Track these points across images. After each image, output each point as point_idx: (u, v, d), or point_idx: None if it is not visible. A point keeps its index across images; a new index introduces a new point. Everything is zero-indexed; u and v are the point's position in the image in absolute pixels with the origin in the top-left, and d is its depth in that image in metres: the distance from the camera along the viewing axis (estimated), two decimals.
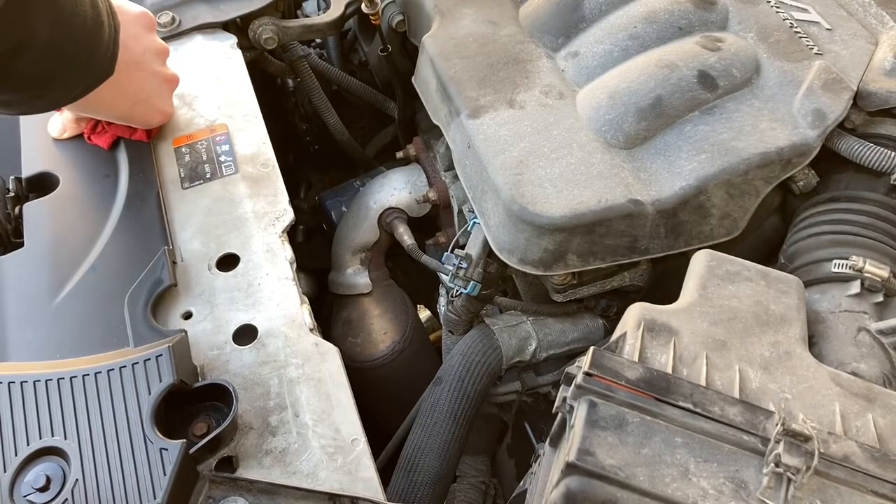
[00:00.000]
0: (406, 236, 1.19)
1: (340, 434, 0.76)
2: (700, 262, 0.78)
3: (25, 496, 0.68)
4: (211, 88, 1.09)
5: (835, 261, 0.85)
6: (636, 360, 0.64)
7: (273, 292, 0.87)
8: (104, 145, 1.01)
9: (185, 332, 0.81)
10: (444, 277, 1.06)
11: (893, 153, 0.88)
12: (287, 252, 0.91)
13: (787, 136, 0.91)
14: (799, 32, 1.02)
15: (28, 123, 1.07)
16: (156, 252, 0.88)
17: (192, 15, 1.17)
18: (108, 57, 0.84)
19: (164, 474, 0.67)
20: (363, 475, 0.73)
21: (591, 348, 0.63)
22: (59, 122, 1.03)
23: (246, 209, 0.95)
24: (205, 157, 1.01)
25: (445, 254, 1.05)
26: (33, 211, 0.96)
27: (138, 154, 1.01)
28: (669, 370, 0.64)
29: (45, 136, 1.04)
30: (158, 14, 1.15)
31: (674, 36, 1.01)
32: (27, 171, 1.01)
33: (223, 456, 0.73)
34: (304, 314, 0.85)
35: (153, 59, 0.97)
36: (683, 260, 0.84)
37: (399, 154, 1.27)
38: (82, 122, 1.02)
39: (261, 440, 0.75)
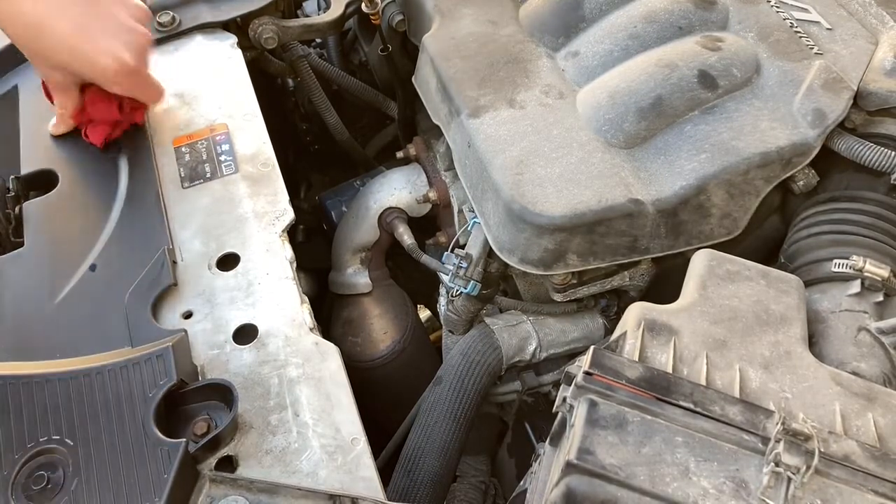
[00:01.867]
0: (406, 236, 1.19)
1: (340, 433, 0.76)
2: (700, 261, 0.78)
3: (26, 496, 0.68)
4: (211, 88, 1.09)
5: (835, 260, 0.85)
6: (636, 359, 0.64)
7: (273, 292, 0.87)
8: (98, 141, 1.00)
9: (186, 331, 0.81)
10: (445, 277, 1.06)
11: (893, 153, 0.88)
12: (287, 252, 0.91)
13: (788, 135, 0.91)
14: (799, 32, 1.02)
15: (27, 121, 1.07)
16: (156, 252, 0.88)
17: (192, 15, 1.17)
18: None
19: (165, 474, 0.67)
20: (363, 474, 0.73)
21: (592, 348, 0.63)
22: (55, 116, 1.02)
23: (246, 209, 0.95)
24: (205, 157, 1.01)
25: (445, 253, 1.05)
26: (33, 210, 0.96)
27: (138, 154, 1.01)
28: (670, 369, 0.64)
29: (44, 133, 1.04)
30: (159, 14, 1.15)
31: (674, 35, 1.01)
32: (26, 168, 1.01)
33: (223, 455, 0.73)
34: (305, 314, 0.85)
35: (118, 7, 0.96)
36: (683, 260, 0.84)
37: (399, 154, 1.27)
38: (68, 104, 1.00)
39: (261, 439, 0.75)
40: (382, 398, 1.21)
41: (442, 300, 1.18)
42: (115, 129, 1.02)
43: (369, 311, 1.27)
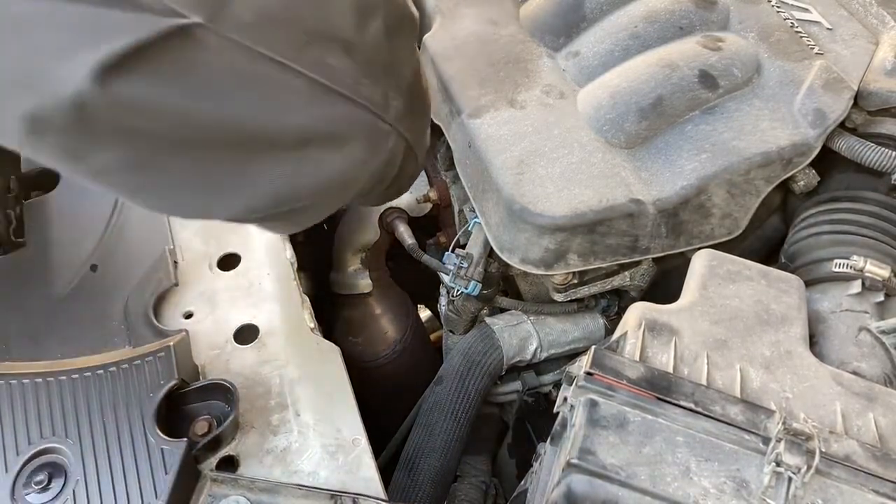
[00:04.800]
0: (406, 236, 1.19)
1: (341, 433, 0.76)
2: (701, 261, 0.78)
3: (27, 496, 0.68)
4: None
5: (836, 260, 0.85)
6: (637, 359, 0.64)
7: (274, 292, 0.87)
8: None
9: (187, 331, 0.81)
10: (445, 277, 1.06)
11: (894, 153, 0.88)
12: (288, 251, 0.91)
13: (788, 135, 0.91)
14: (800, 32, 1.02)
15: None
16: (157, 252, 0.88)
17: None
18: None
19: (166, 474, 0.67)
20: (364, 474, 0.73)
21: (593, 348, 0.63)
22: None
23: None
24: None
25: (446, 253, 1.05)
26: (34, 210, 0.96)
27: None
28: (670, 369, 0.64)
29: None
30: None
31: (675, 35, 1.01)
32: (27, 166, 1.01)
33: (224, 455, 0.73)
34: (305, 314, 0.85)
35: None
36: (684, 260, 0.84)
37: None
38: None
39: (262, 439, 0.75)
40: (383, 398, 1.21)
41: (442, 300, 1.18)
42: None
43: (370, 311, 1.27)
